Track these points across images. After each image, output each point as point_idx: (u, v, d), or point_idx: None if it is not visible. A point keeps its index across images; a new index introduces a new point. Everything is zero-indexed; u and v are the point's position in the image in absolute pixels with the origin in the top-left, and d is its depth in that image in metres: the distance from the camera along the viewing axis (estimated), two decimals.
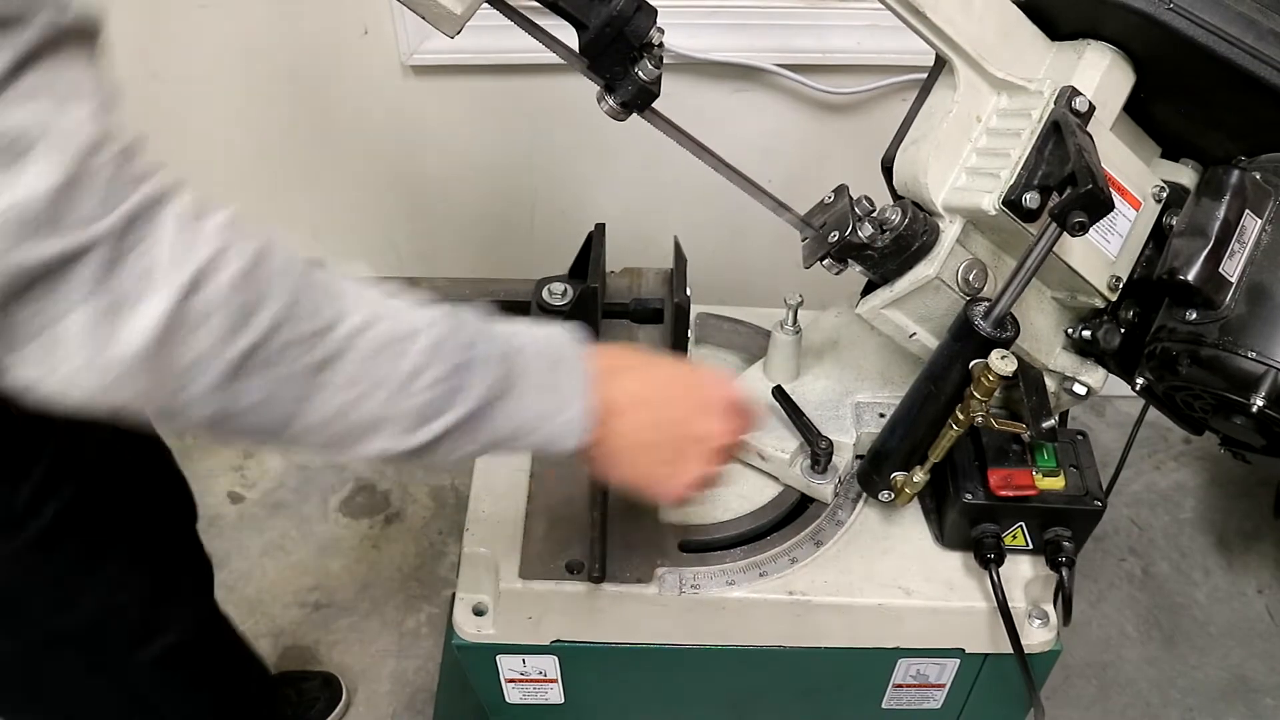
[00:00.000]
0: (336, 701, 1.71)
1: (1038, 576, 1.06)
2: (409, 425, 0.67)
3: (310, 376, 0.63)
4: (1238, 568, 1.99)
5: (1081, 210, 0.80)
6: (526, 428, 0.72)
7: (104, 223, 0.55)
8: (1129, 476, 2.13)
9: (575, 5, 0.84)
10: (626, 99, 0.89)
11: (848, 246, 0.94)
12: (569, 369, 0.74)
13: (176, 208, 0.59)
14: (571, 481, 1.12)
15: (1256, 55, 0.86)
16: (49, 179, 0.53)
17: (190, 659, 1.12)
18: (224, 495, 2.05)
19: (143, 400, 0.59)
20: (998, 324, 0.88)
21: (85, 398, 0.58)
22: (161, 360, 0.58)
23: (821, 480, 1.09)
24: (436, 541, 1.99)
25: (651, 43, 0.87)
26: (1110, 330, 0.98)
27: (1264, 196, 0.91)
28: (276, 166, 1.86)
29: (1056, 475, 1.02)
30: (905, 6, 0.90)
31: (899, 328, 1.00)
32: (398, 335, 0.66)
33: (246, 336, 0.60)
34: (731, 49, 1.64)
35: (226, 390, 0.60)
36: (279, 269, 0.62)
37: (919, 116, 0.99)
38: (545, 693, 1.13)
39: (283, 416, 0.63)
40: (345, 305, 0.65)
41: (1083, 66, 0.92)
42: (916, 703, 1.16)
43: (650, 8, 0.87)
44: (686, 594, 1.02)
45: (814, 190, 1.03)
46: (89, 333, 0.56)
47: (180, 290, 0.57)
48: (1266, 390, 0.85)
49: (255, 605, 1.87)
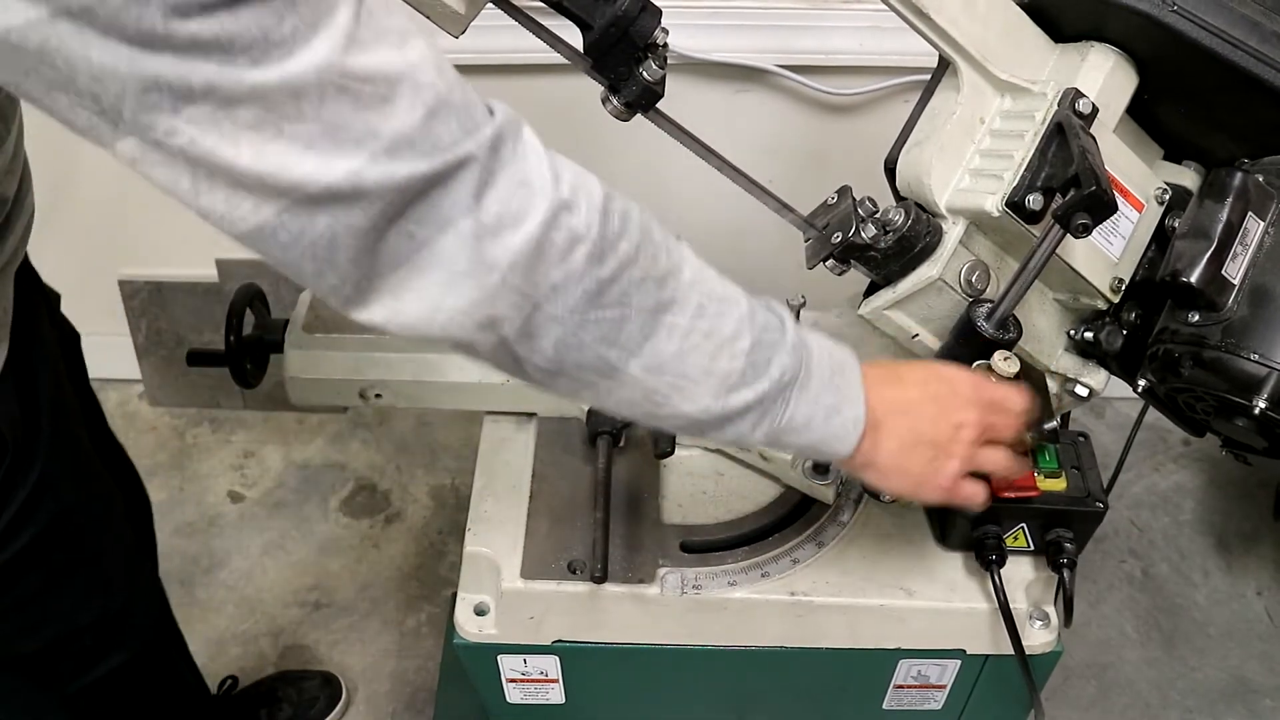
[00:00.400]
0: (336, 701, 1.71)
1: (1039, 578, 1.06)
2: (722, 388, 0.69)
3: (655, 315, 0.66)
4: (1237, 569, 1.99)
5: (1085, 212, 0.80)
6: (812, 422, 0.74)
7: (472, 141, 0.59)
8: (1129, 478, 2.13)
9: (580, 5, 0.84)
10: (631, 99, 0.89)
11: (851, 247, 0.94)
12: (849, 374, 0.76)
13: (529, 134, 0.63)
14: (573, 481, 1.12)
15: (1259, 57, 0.86)
16: (416, 111, 0.57)
17: (136, 678, 1.12)
18: (224, 494, 2.05)
19: (507, 315, 0.62)
20: (1000, 325, 0.88)
21: (457, 310, 0.61)
22: (533, 273, 0.61)
23: (823, 481, 1.09)
24: (437, 541, 1.99)
25: (656, 43, 0.87)
26: (1113, 332, 0.98)
27: (1267, 199, 0.91)
28: None
29: (1058, 476, 1.03)
30: (909, 8, 0.90)
31: (901, 329, 1.00)
32: (723, 296, 0.70)
33: (609, 264, 0.63)
34: (734, 50, 1.64)
35: (584, 315, 0.63)
36: (627, 209, 0.65)
37: (922, 118, 0.99)
38: (546, 693, 1.13)
39: (621, 355, 0.66)
40: (680, 255, 0.69)
41: (1086, 68, 0.92)
42: (917, 704, 1.16)
43: (655, 8, 0.87)
44: (688, 594, 1.03)
45: (816, 190, 1.03)
46: (470, 242, 0.59)
47: (556, 206, 0.61)
48: (1269, 392, 0.85)
49: (255, 605, 1.87)
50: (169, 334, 2.08)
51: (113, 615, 1.06)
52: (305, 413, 2.18)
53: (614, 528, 1.04)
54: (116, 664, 1.08)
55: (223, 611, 1.85)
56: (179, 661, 1.28)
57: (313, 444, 2.15)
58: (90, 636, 1.04)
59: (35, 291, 1.02)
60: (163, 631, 1.21)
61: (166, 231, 1.94)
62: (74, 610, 1.01)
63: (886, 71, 1.67)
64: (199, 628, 1.79)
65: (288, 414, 2.18)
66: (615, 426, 1.08)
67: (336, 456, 2.13)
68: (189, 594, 1.85)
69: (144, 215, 1.88)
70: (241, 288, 1.21)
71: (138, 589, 1.11)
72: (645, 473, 1.13)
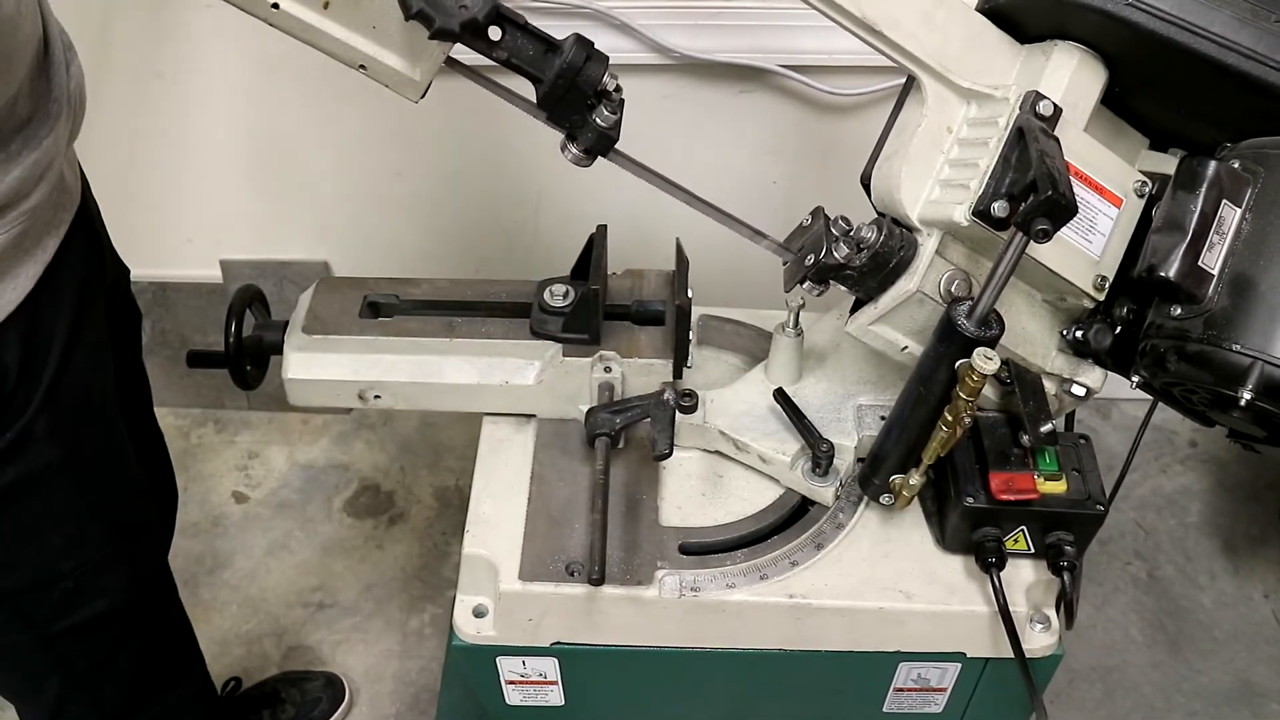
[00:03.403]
0: (339, 702, 1.72)
1: (1039, 580, 1.05)
2: None
3: None
4: (1244, 572, 1.98)
5: (1044, 217, 0.79)
6: None
7: None
8: (1135, 480, 2.12)
9: (527, 60, 0.87)
10: (588, 145, 0.92)
11: (825, 268, 0.96)
12: None
13: None
14: (571, 483, 1.12)
15: (1221, 42, 0.85)
16: None
17: (117, 624, 1.14)
18: (228, 495, 2.05)
19: None
20: (981, 323, 0.88)
21: None
22: None
23: (822, 483, 1.09)
24: (440, 542, 1.99)
25: (606, 89, 0.89)
26: (1101, 330, 0.98)
27: (1242, 185, 0.89)
28: (280, 166, 1.86)
29: (1058, 479, 1.02)
30: (862, 27, 0.91)
31: (889, 343, 1.01)
32: None
33: None
34: (736, 50, 1.64)
35: None
36: None
37: (892, 132, 1.00)
38: (545, 695, 1.13)
39: None
40: None
41: (1051, 68, 0.92)
42: (917, 707, 1.15)
43: (601, 55, 0.89)
44: (686, 596, 1.02)
45: (817, 191, 1.03)
46: None
47: None
48: (1254, 382, 0.83)
49: (259, 605, 1.87)
50: (173, 335, 2.09)
51: (94, 565, 1.08)
52: (309, 413, 2.19)
53: (612, 530, 1.04)
54: (101, 610, 1.10)
55: (226, 612, 1.86)
56: (171, 624, 1.30)
57: (317, 444, 2.15)
58: (71, 580, 1.06)
59: (95, 252, 1.05)
60: (154, 590, 1.23)
61: (171, 233, 1.95)
62: (52, 556, 1.04)
63: (889, 72, 1.66)
64: (202, 628, 1.78)
65: (292, 414, 2.19)
66: (614, 428, 1.08)
67: (340, 457, 2.13)
68: (193, 594, 1.86)
69: (149, 216, 1.89)
70: (240, 289, 1.21)
71: (126, 545, 1.13)
72: (644, 474, 1.13)
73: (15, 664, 1.12)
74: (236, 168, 1.85)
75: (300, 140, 1.81)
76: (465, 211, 1.90)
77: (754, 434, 1.11)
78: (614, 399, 1.14)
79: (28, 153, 0.85)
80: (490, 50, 0.85)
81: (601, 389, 1.14)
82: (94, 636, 1.12)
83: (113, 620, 1.13)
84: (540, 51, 0.87)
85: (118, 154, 1.78)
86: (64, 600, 1.06)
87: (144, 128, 1.77)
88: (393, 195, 1.88)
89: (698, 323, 1.27)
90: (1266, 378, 0.83)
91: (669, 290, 1.24)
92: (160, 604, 1.26)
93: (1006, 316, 0.90)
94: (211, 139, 1.80)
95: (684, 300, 1.11)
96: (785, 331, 1.13)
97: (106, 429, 1.08)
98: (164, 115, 1.75)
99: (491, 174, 1.83)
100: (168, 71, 1.70)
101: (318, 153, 1.83)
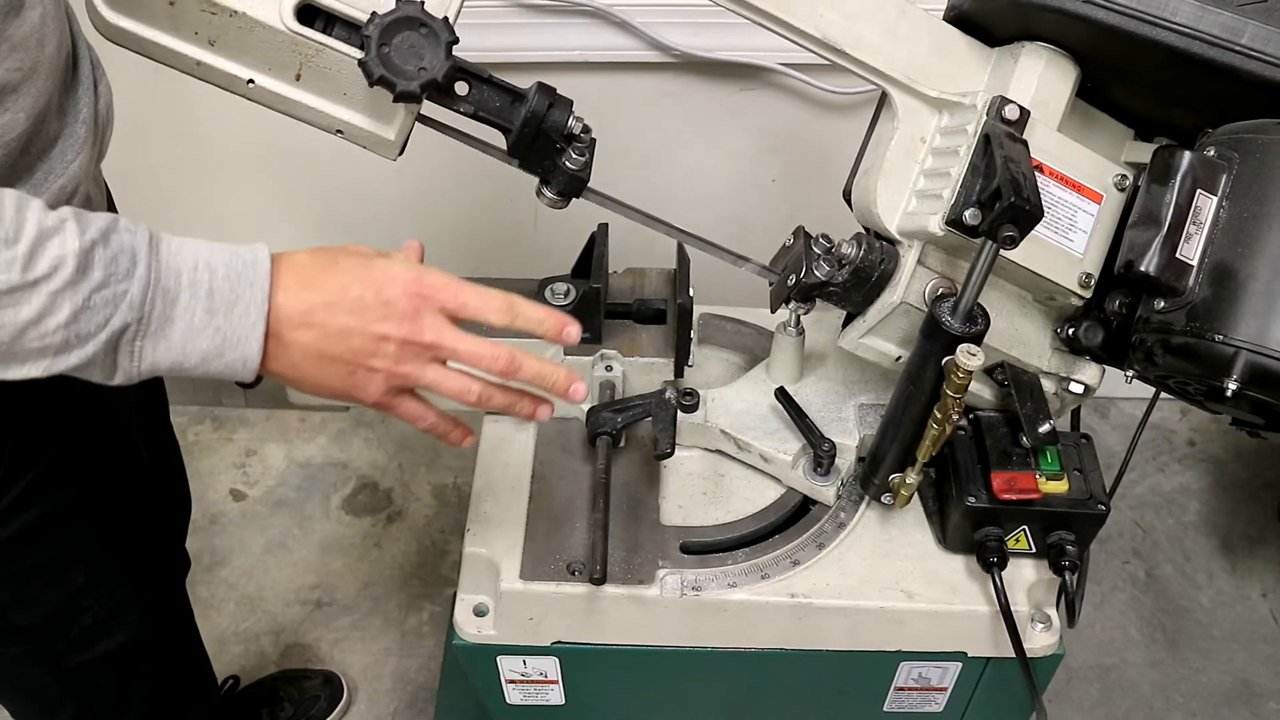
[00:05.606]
0: (338, 700, 1.71)
1: (1041, 580, 1.05)
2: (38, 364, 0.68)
3: None
4: (1242, 571, 1.98)
5: (1010, 224, 0.79)
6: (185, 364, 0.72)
7: None
8: (1133, 479, 2.12)
9: (493, 111, 0.89)
10: (562, 188, 0.94)
11: (808, 287, 0.97)
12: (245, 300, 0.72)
13: None
14: (572, 482, 1.12)
15: (1184, 31, 0.85)
16: None
17: (136, 656, 1.13)
18: (226, 493, 2.05)
19: None
20: (966, 319, 0.88)
21: None
22: None
23: (824, 482, 1.09)
24: (439, 540, 1.99)
25: (573, 133, 0.91)
26: (1091, 328, 0.98)
27: (1217, 172, 0.88)
28: (280, 164, 1.85)
29: (1060, 479, 1.02)
30: (826, 49, 0.91)
31: (883, 354, 1.01)
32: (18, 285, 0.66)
33: None
34: (737, 48, 1.63)
35: None
36: None
37: (869, 146, 1.00)
38: (546, 694, 1.13)
39: None
40: None
41: (1020, 70, 0.92)
42: (918, 706, 1.15)
43: (565, 100, 0.90)
44: (688, 596, 1.02)
45: (817, 189, 1.03)
46: None
47: None
48: (1239, 372, 0.83)
49: (257, 603, 1.87)
50: None
51: (115, 600, 1.06)
52: (307, 411, 2.18)
53: (613, 529, 1.04)
54: (120, 643, 1.09)
55: (224, 610, 1.86)
56: (187, 649, 1.29)
57: (315, 442, 2.15)
58: (91, 616, 1.05)
59: None
60: (173, 619, 1.22)
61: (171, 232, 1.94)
62: (74, 593, 1.02)
63: None
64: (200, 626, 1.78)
65: (290, 412, 2.18)
66: (615, 427, 1.08)
67: (338, 455, 2.13)
68: (190, 592, 1.84)
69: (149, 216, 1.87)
70: None
71: (147, 577, 1.12)
72: (645, 474, 1.13)
73: (32, 695, 1.11)
74: (237, 167, 1.85)
75: (301, 139, 1.80)
76: (466, 210, 1.89)
77: (755, 433, 1.11)
78: (615, 398, 1.14)
79: (53, 179, 0.83)
80: (456, 105, 0.88)
81: (603, 388, 1.14)
82: (112, 668, 1.11)
83: (131, 652, 1.11)
84: (506, 102, 0.89)
85: (118, 153, 1.77)
86: (83, 635, 1.05)
87: (146, 127, 1.77)
88: (393, 194, 1.88)
89: (699, 321, 1.27)
90: (1252, 366, 0.83)
91: (670, 289, 1.24)
92: (178, 633, 1.24)
93: (999, 319, 0.90)
94: (212, 138, 1.80)
95: (685, 299, 1.11)
96: (786, 330, 1.13)
97: (127, 457, 1.07)
98: (165, 115, 1.75)
99: (492, 172, 1.82)
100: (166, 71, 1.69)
101: (318, 152, 1.82)
